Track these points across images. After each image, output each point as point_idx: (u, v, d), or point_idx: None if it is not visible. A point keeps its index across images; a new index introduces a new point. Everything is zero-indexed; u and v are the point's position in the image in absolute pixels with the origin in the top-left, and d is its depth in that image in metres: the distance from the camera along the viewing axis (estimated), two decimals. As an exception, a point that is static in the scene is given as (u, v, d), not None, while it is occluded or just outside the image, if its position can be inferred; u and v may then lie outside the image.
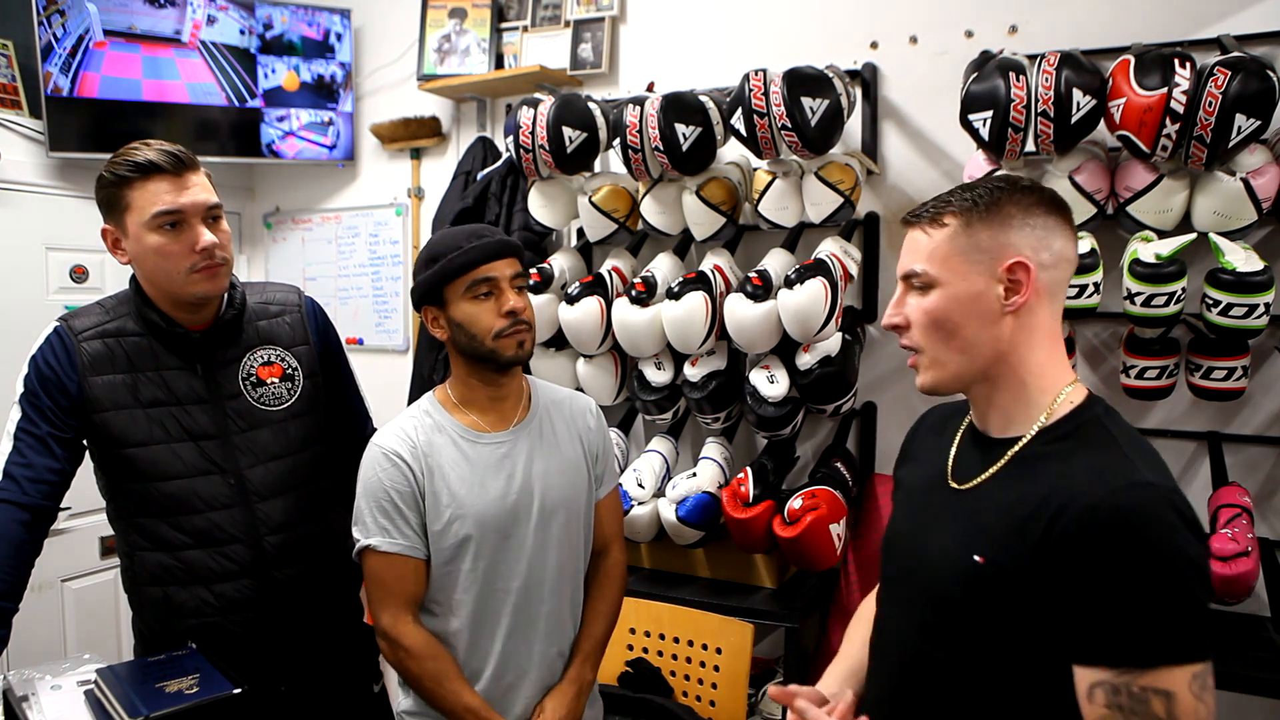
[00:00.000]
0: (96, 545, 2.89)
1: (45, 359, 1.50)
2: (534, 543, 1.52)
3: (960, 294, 1.07)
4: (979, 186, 1.10)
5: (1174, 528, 0.94)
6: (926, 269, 1.09)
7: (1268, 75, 1.76)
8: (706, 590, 2.28)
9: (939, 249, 1.08)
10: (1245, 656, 1.83)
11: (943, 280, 1.08)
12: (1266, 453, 2.11)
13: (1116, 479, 0.97)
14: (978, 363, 1.09)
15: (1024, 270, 1.05)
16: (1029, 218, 1.07)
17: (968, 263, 1.07)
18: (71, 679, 1.44)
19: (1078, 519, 0.96)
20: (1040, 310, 1.08)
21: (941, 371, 1.11)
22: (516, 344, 1.48)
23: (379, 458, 1.49)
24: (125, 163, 1.47)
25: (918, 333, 1.11)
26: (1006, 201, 1.07)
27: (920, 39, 2.40)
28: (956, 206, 1.08)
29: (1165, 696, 0.91)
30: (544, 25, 2.92)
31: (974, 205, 1.07)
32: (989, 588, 1.02)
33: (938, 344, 1.10)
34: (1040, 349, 1.09)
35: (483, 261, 1.46)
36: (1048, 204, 1.08)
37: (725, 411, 2.40)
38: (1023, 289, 1.05)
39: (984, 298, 1.06)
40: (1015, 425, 1.10)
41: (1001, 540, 1.03)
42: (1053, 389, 1.09)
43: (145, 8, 2.89)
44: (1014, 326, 1.07)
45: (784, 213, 2.28)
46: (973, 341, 1.08)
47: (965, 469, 1.14)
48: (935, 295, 1.08)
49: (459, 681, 1.48)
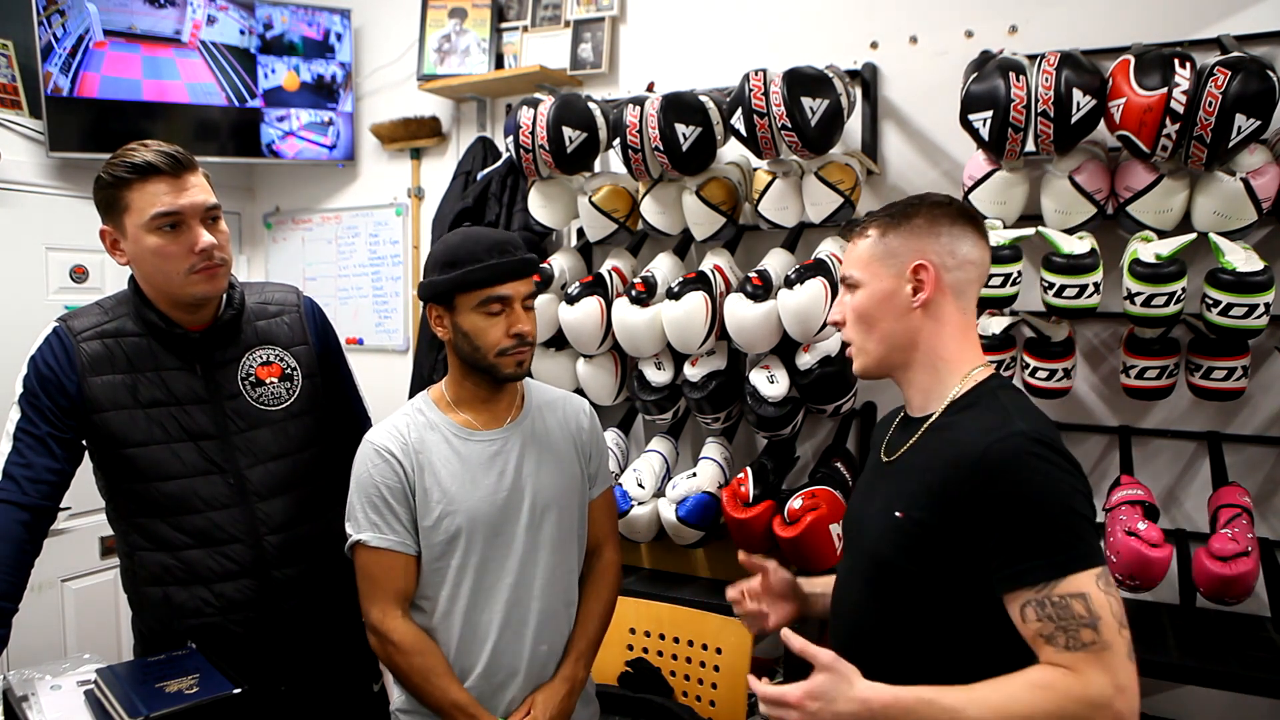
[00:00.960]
0: (96, 545, 2.89)
1: (44, 359, 1.50)
2: (525, 541, 1.52)
3: (877, 292, 1.27)
4: (900, 202, 1.30)
5: (1045, 459, 1.11)
6: (853, 272, 1.30)
7: (1268, 75, 1.75)
8: (706, 590, 2.28)
9: (862, 255, 1.29)
10: (1245, 656, 1.83)
11: (864, 281, 1.28)
12: (1266, 453, 2.11)
13: (995, 432, 1.14)
14: (895, 351, 1.28)
15: (925, 271, 1.24)
16: (935, 226, 1.26)
17: (883, 266, 1.27)
18: (71, 679, 1.44)
19: (969, 469, 1.13)
20: (946, 305, 1.26)
21: (866, 358, 1.30)
22: (516, 363, 1.49)
23: (370, 454, 1.50)
24: (123, 164, 1.47)
25: (849, 327, 1.31)
26: (916, 214, 1.27)
27: (920, 39, 2.40)
28: (878, 219, 1.29)
29: (1081, 598, 1.06)
30: (544, 25, 2.92)
31: (890, 218, 1.28)
32: (909, 539, 1.19)
33: (862, 335, 1.30)
34: (951, 339, 1.26)
35: (503, 280, 1.46)
36: (954, 214, 1.27)
37: (725, 411, 2.40)
38: (925, 286, 1.24)
39: (896, 295, 1.25)
40: (931, 403, 1.27)
41: (914, 497, 1.20)
42: (961, 371, 1.26)
43: (145, 8, 2.90)
44: (923, 318, 1.25)
45: (784, 213, 2.28)
46: (889, 332, 1.27)
47: (893, 446, 1.32)
48: (859, 294, 1.29)
49: (447, 677, 1.48)
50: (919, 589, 1.19)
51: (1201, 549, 1.85)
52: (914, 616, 1.20)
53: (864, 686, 1.13)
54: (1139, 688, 1.06)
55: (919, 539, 1.18)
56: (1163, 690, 2.14)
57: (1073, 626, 1.06)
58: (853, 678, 1.14)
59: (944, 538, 1.15)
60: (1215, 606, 1.93)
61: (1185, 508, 2.17)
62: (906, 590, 1.20)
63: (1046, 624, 1.07)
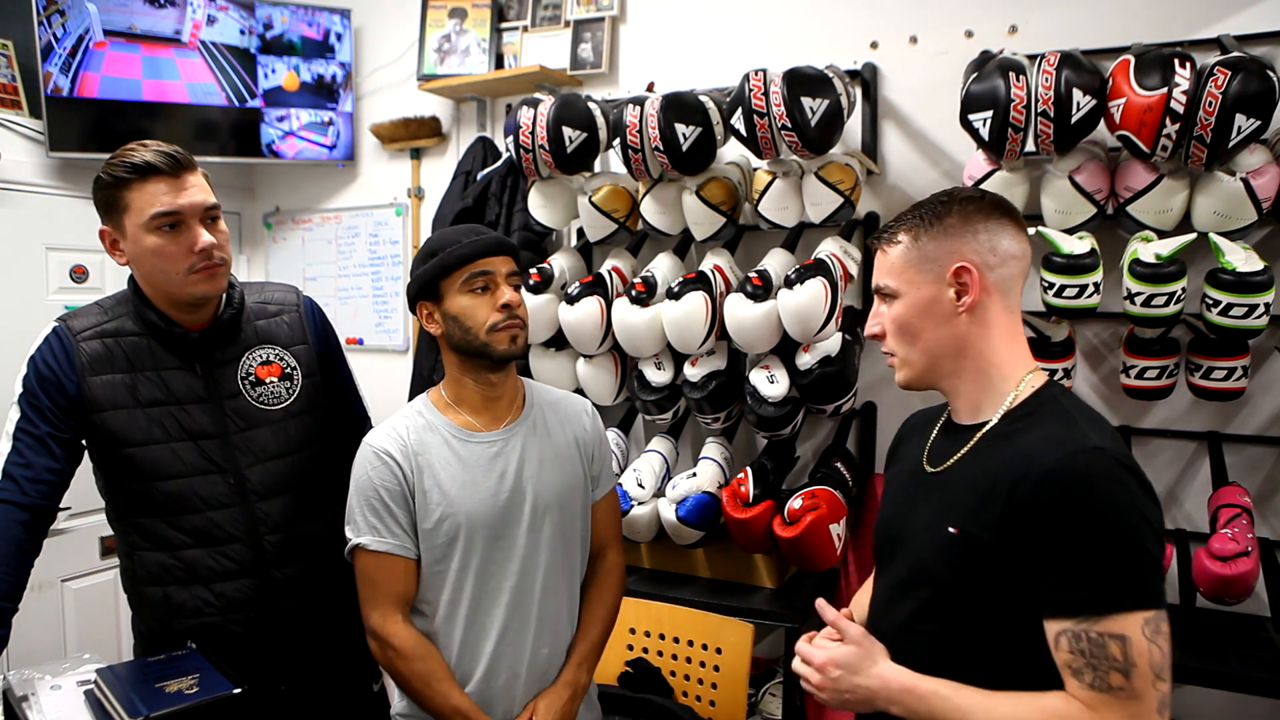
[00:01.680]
0: (96, 545, 2.89)
1: (44, 359, 1.50)
2: (526, 543, 1.51)
3: (917, 301, 1.19)
4: (927, 203, 1.23)
5: (1123, 485, 1.04)
6: (888, 282, 1.22)
7: (1268, 75, 1.75)
8: (706, 590, 2.28)
9: (895, 264, 1.22)
10: (1245, 656, 1.83)
11: (901, 291, 1.21)
12: (1266, 453, 2.11)
13: (1069, 446, 1.07)
14: (942, 360, 1.21)
15: (968, 273, 1.16)
16: (970, 224, 1.18)
17: (919, 272, 1.19)
18: (71, 679, 1.44)
19: (1035, 483, 1.06)
20: (993, 306, 1.18)
21: (911, 370, 1.24)
22: (510, 338, 1.48)
23: (370, 456, 1.49)
24: (123, 164, 1.47)
25: (890, 339, 1.25)
26: (948, 214, 1.19)
27: (920, 39, 2.40)
28: (907, 224, 1.22)
29: (1120, 640, 1.00)
30: (544, 25, 2.92)
31: (920, 221, 1.20)
32: (964, 557, 1.12)
33: (905, 346, 1.23)
34: (1000, 342, 1.19)
35: (481, 255, 1.47)
36: (989, 208, 1.20)
37: (725, 411, 2.40)
38: (970, 289, 1.16)
39: (938, 302, 1.18)
40: (983, 412, 1.20)
41: (971, 511, 1.12)
42: (1015, 376, 1.19)
43: (145, 8, 2.89)
44: (969, 323, 1.18)
45: (784, 213, 2.28)
46: (934, 342, 1.20)
47: (939, 455, 1.25)
48: (898, 305, 1.21)
49: (448, 682, 1.47)
50: (970, 607, 1.13)
51: (1201, 549, 1.85)
52: (963, 634, 1.14)
53: (887, 667, 1.14)
54: None
55: (975, 556, 1.11)
56: (1163, 690, 2.14)
57: (1103, 667, 1.01)
58: (878, 655, 1.16)
59: (1002, 555, 1.08)
60: (1215, 606, 1.93)
61: (1185, 508, 2.18)
62: (957, 608, 1.14)
63: (1077, 657, 1.03)
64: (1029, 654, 1.08)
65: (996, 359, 1.19)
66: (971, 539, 1.11)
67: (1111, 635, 1.01)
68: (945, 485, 1.20)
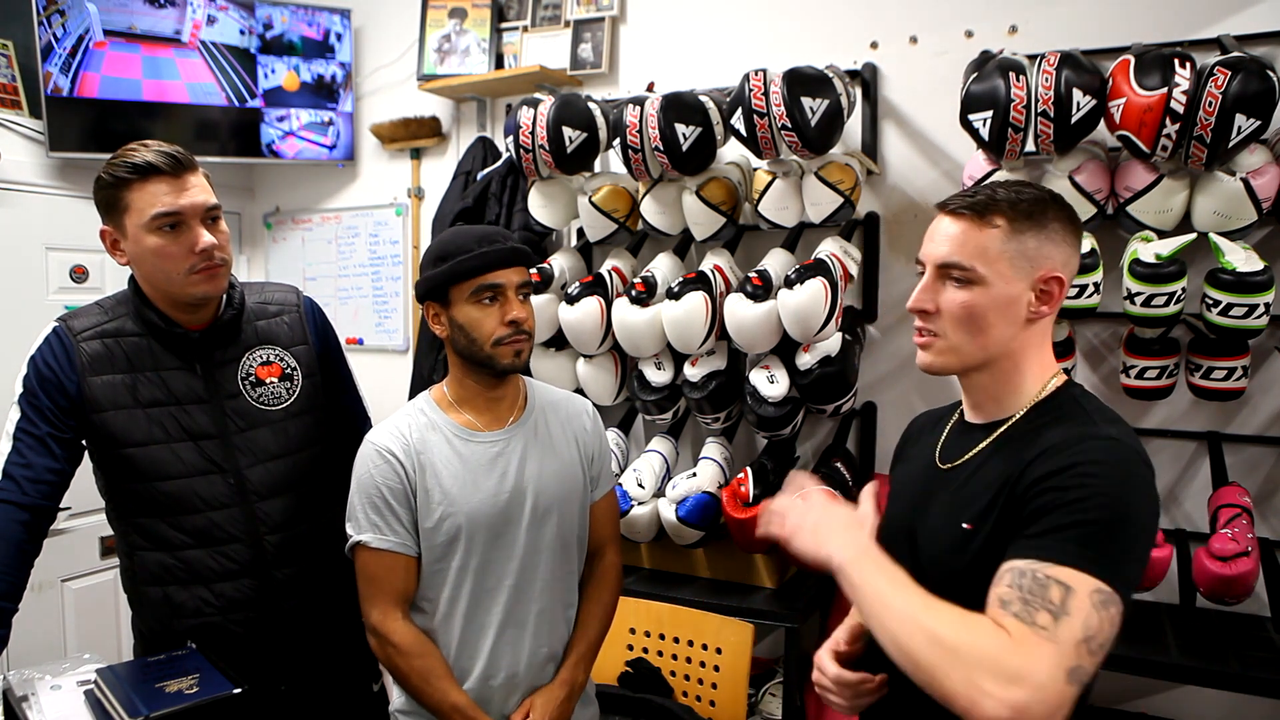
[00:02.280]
0: (96, 545, 2.89)
1: (44, 359, 1.50)
2: (526, 542, 1.52)
3: (999, 296, 1.12)
4: (1023, 190, 1.14)
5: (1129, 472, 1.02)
6: (975, 265, 1.12)
7: (1268, 75, 1.75)
8: (706, 590, 2.28)
9: (989, 249, 1.12)
10: (1245, 656, 1.83)
11: (988, 280, 1.12)
12: (1266, 453, 2.11)
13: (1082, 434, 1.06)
14: (989, 356, 1.16)
15: (1059, 284, 1.13)
16: (1067, 234, 1.14)
17: (1012, 267, 1.12)
18: (71, 679, 1.44)
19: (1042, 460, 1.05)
20: (1051, 317, 1.16)
21: (956, 359, 1.16)
22: (514, 352, 1.48)
23: (372, 454, 1.49)
24: (123, 164, 1.46)
25: (946, 321, 1.15)
26: (1051, 216, 1.13)
27: (920, 39, 2.40)
28: (1006, 208, 1.12)
29: (1064, 588, 0.95)
30: (544, 25, 2.92)
31: (1023, 214, 1.12)
32: (980, 552, 1.09)
33: (964, 335, 1.14)
34: (1037, 348, 1.17)
35: (492, 268, 1.46)
36: (1076, 227, 1.16)
37: (725, 411, 2.40)
38: (1053, 301, 1.13)
39: (1018, 302, 1.12)
40: (1003, 410, 1.18)
41: (986, 506, 1.10)
42: (1041, 378, 1.17)
43: (145, 8, 2.89)
44: (1028, 329, 1.14)
45: (784, 213, 2.28)
46: (997, 339, 1.14)
47: (952, 452, 1.22)
48: (976, 292, 1.12)
49: (446, 679, 1.48)
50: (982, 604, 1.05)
51: (1201, 549, 1.86)
52: None
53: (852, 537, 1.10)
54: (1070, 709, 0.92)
55: (989, 550, 1.07)
56: (1162, 690, 2.14)
57: (1035, 604, 0.94)
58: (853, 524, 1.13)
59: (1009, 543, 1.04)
60: (1215, 606, 1.93)
61: (1185, 508, 2.18)
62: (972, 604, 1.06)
63: (1012, 590, 0.97)
64: None
65: (1030, 364, 1.16)
66: (985, 536, 1.08)
67: (1058, 581, 0.95)
68: (959, 481, 1.17)
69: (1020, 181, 1.18)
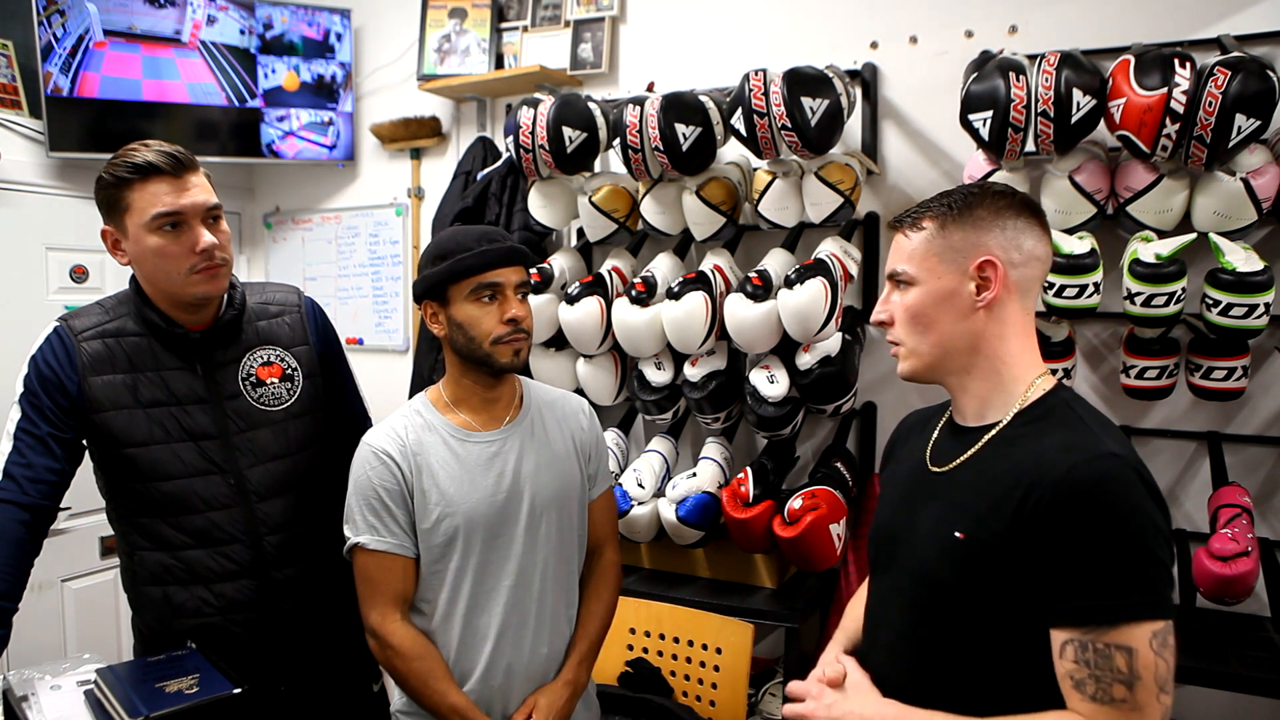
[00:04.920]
0: (96, 545, 2.89)
1: (45, 359, 1.50)
2: (524, 542, 1.52)
3: (935, 291, 1.16)
4: (956, 192, 1.19)
5: (1139, 493, 1.03)
6: (906, 269, 1.18)
7: (1268, 75, 1.75)
8: (706, 590, 2.28)
9: (917, 250, 1.18)
10: (1245, 656, 1.83)
11: (920, 279, 1.17)
12: (1266, 453, 2.11)
13: (1085, 451, 1.05)
14: (952, 355, 1.18)
15: (992, 268, 1.14)
16: (999, 219, 1.15)
17: (942, 262, 1.16)
18: (71, 679, 1.44)
19: (1052, 489, 1.03)
20: (1011, 305, 1.16)
21: (918, 361, 1.20)
22: (513, 351, 1.49)
23: (368, 456, 1.50)
24: (124, 164, 1.46)
25: (899, 327, 1.21)
26: (978, 205, 1.16)
27: (920, 39, 2.40)
28: (934, 211, 1.18)
29: (1127, 652, 0.98)
30: (544, 25, 2.92)
31: (949, 209, 1.17)
32: (971, 562, 1.09)
33: (916, 336, 1.19)
34: (1013, 340, 1.16)
35: (491, 266, 1.46)
36: (1019, 206, 1.17)
37: (725, 411, 2.40)
38: (992, 285, 1.14)
39: (957, 294, 1.15)
40: (991, 412, 1.18)
41: (980, 516, 1.10)
42: (1025, 378, 1.17)
43: (145, 8, 2.89)
44: (986, 320, 1.15)
45: (784, 213, 2.28)
46: (947, 335, 1.17)
47: (943, 455, 1.21)
48: (914, 293, 1.17)
49: (445, 681, 1.48)
50: (973, 614, 1.10)
51: (1201, 549, 1.85)
52: (964, 641, 1.11)
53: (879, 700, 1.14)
54: None
55: (981, 561, 1.08)
56: (1163, 690, 2.14)
57: (1107, 679, 0.99)
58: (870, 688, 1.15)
59: (1010, 560, 1.06)
60: (1215, 606, 1.93)
61: (1185, 508, 2.18)
62: (960, 614, 1.11)
63: (1081, 668, 1.01)
64: (1030, 664, 1.06)
65: (1009, 359, 1.16)
66: (979, 544, 1.08)
67: (1118, 646, 0.99)
68: (951, 487, 1.17)
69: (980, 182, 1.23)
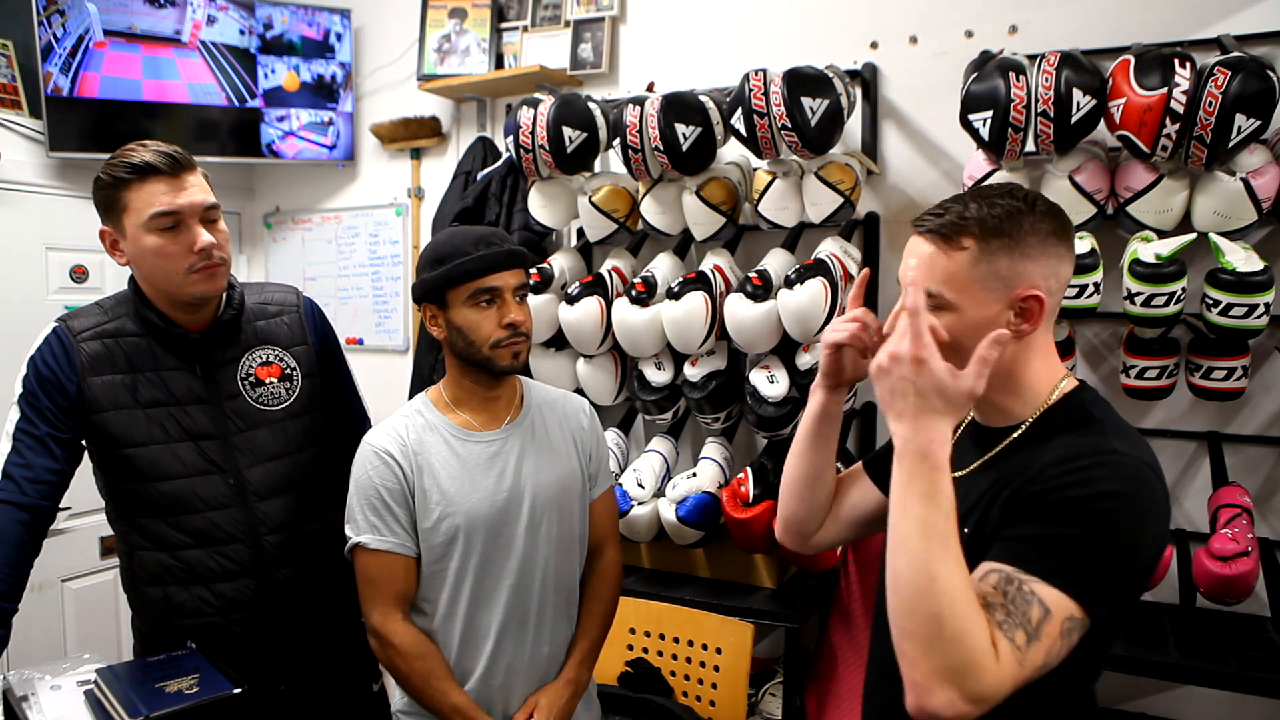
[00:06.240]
0: (96, 545, 2.89)
1: (44, 359, 1.50)
2: (525, 542, 1.52)
3: (973, 320, 1.06)
4: (995, 203, 1.08)
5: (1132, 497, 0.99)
6: (943, 293, 1.07)
7: (1268, 75, 1.75)
8: (706, 590, 2.28)
9: (958, 275, 1.07)
10: (1245, 656, 1.83)
11: (960, 306, 1.07)
12: (1266, 453, 2.11)
13: (1088, 448, 1.02)
14: None
15: (1037, 302, 1.07)
16: (1046, 248, 1.08)
17: (984, 290, 1.06)
18: (71, 679, 1.44)
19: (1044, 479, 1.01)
20: (1040, 332, 1.11)
21: None
22: (512, 355, 1.49)
23: (370, 456, 1.50)
24: (122, 164, 1.47)
25: None
26: (1026, 229, 1.07)
27: (920, 39, 2.40)
28: (975, 227, 1.07)
29: (1044, 609, 0.95)
30: (544, 25, 2.92)
31: (994, 230, 1.06)
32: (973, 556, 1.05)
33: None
34: (1036, 358, 1.12)
35: (489, 271, 1.46)
36: (1060, 232, 1.10)
37: (725, 411, 2.40)
38: (1033, 318, 1.07)
39: (995, 324, 1.06)
40: (1014, 417, 1.14)
41: (984, 511, 1.08)
42: (1048, 386, 1.13)
43: (145, 8, 2.89)
44: (1015, 347, 1.09)
45: (784, 213, 2.28)
46: None
47: (962, 459, 1.17)
48: (949, 318, 1.07)
49: (447, 680, 1.48)
50: None
51: (1201, 549, 1.85)
52: None
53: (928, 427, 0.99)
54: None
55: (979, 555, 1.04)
56: (1163, 690, 2.14)
57: (1015, 618, 0.95)
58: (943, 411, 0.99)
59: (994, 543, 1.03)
60: (1215, 606, 1.93)
61: (1185, 508, 2.18)
62: None
63: (998, 595, 0.97)
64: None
65: (1029, 378, 1.12)
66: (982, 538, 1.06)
67: (1040, 601, 0.95)
68: (965, 488, 1.13)
69: (999, 188, 1.12)
